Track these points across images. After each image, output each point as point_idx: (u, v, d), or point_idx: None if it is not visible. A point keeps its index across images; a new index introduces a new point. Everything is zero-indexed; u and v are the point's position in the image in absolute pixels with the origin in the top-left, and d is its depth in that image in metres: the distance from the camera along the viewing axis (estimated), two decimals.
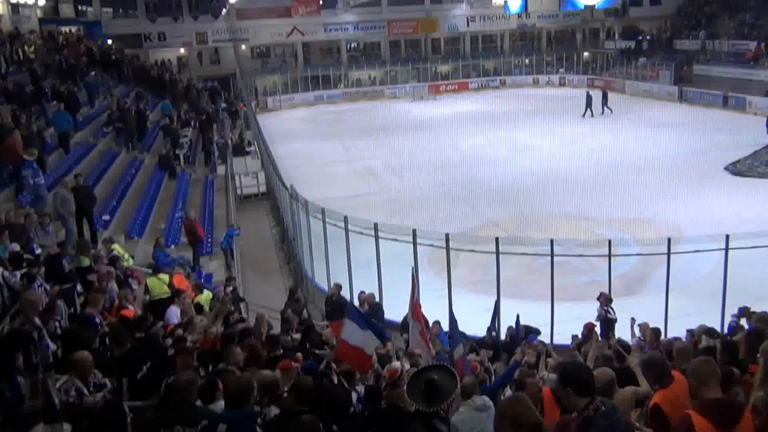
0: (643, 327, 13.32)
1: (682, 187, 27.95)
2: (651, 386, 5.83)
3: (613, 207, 25.58)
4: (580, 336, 13.79)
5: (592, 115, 47.75)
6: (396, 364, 10.04)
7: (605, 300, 15.34)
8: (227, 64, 65.65)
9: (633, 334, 13.76)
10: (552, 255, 16.21)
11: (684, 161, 32.45)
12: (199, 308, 13.21)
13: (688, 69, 56.77)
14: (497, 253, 16.51)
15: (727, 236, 15.61)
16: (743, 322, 12.63)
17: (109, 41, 54.15)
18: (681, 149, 35.46)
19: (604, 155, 34.93)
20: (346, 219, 18.74)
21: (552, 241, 16.36)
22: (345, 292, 17.61)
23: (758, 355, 6.29)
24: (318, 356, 10.85)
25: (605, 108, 48.57)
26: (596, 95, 49.05)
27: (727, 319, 14.20)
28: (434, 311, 14.57)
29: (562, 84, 66.74)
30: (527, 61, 71.96)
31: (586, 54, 71.16)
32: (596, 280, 16.83)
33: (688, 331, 11.76)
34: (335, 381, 8.43)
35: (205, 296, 14.30)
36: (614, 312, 15.20)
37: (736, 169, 31.00)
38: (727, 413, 4.80)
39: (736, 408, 4.93)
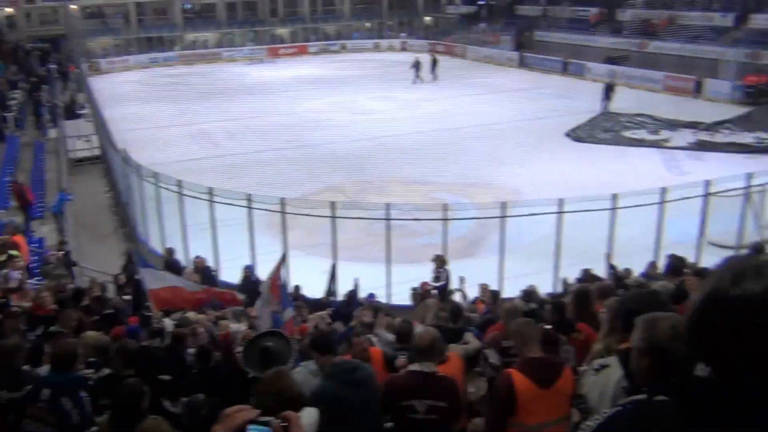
0: (483, 288, 13.60)
1: (522, 152, 28.47)
2: None
3: (453, 172, 25.82)
4: (419, 289, 14.31)
5: (422, 81, 47.99)
6: (232, 326, 10.07)
7: (440, 262, 15.65)
8: (59, 25, 62.79)
9: (464, 296, 14.05)
10: (388, 219, 16.54)
11: (525, 126, 33.32)
12: None
13: (528, 35, 58.23)
14: (333, 217, 16.81)
15: (561, 200, 16.12)
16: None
17: None
18: (522, 115, 36.26)
19: (445, 120, 35.27)
20: (179, 183, 18.72)
21: (387, 205, 16.71)
22: (181, 256, 18.06)
23: (602, 310, 6.49)
24: (149, 318, 11.20)
25: (434, 74, 48.94)
26: (426, 61, 49.36)
27: (560, 279, 14.72)
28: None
29: (403, 49, 66.89)
30: (368, 25, 72.06)
31: (427, 19, 71.82)
32: (433, 242, 17.11)
33: (521, 291, 12.23)
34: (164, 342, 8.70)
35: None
36: (448, 274, 15.50)
37: (576, 134, 31.79)
38: (547, 371, 5.07)
39: (555, 366, 5.21)
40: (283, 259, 12.40)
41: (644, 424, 1.85)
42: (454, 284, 14.99)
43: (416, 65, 48.19)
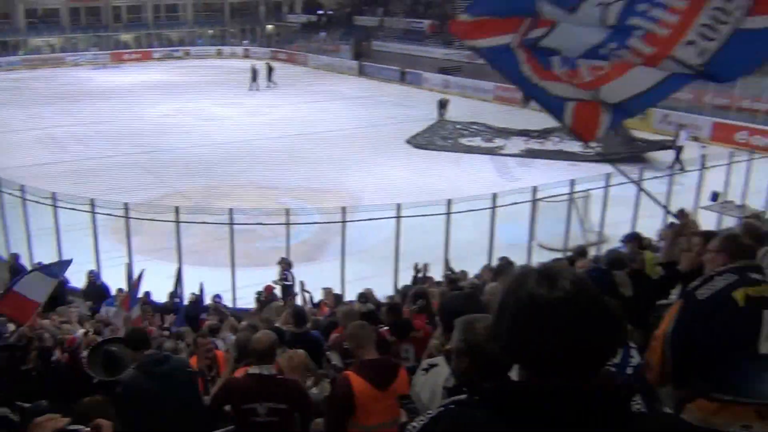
0: (327, 292, 13.90)
1: (363, 158, 29.05)
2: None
3: (298, 177, 26.08)
4: (264, 293, 14.61)
5: (258, 89, 47.85)
6: (78, 332, 10.03)
7: (285, 265, 15.95)
8: None
9: (304, 300, 14.37)
10: (232, 223, 16.74)
11: (366, 133, 33.92)
12: None
13: (366, 44, 59.02)
14: (177, 221, 16.85)
15: (399, 204, 16.68)
16: None
17: None
18: (363, 122, 36.93)
19: (290, 126, 35.46)
20: (21, 188, 18.56)
21: (231, 210, 16.94)
22: (26, 262, 17.64)
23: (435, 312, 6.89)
24: None
25: (270, 82, 48.99)
26: (262, 69, 49.30)
27: (406, 280, 15.18)
28: (116, 277, 15.61)
29: (246, 56, 66.18)
30: (211, 31, 71.36)
31: (269, 27, 71.70)
32: (278, 246, 17.37)
33: (358, 294, 12.46)
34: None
35: None
36: (293, 277, 15.75)
37: (417, 142, 32.56)
38: (383, 373, 5.21)
39: (390, 367, 5.35)
40: (140, 277, 12.47)
41: (464, 424, 1.93)
42: (298, 287, 15.30)
43: (253, 73, 47.97)
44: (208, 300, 14.96)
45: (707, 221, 15.76)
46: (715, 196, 17.85)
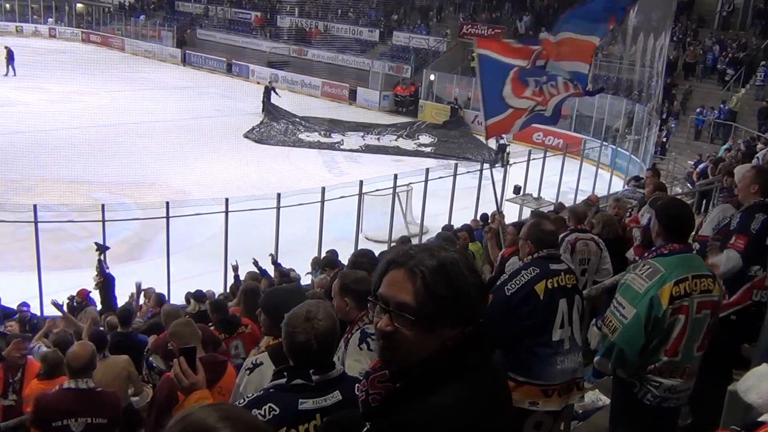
0: (147, 293, 13.42)
1: (188, 151, 27.85)
2: None
3: (114, 171, 24.65)
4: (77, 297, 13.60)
5: (12, 74, 43.83)
6: None
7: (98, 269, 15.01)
8: None
9: (133, 298, 13.81)
10: (36, 222, 15.33)
11: (190, 125, 32.56)
12: None
13: (190, 32, 57.34)
14: None
15: (227, 199, 16.26)
16: None
17: None
18: (187, 113, 35.56)
19: (104, 116, 33.37)
20: None
21: (35, 206, 15.46)
22: None
23: None
24: None
25: (10, 67, 44.21)
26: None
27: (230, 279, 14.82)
28: None
29: (52, 36, 62.38)
30: (8, 5, 66.38)
31: (79, 5, 67.68)
32: (93, 246, 16.10)
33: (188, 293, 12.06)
34: None
35: None
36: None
37: (255, 136, 32.36)
38: (209, 370, 4.75)
39: (217, 364, 5.28)
40: None
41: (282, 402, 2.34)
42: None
43: None
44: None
45: (511, 211, 18.02)
46: (517, 190, 20.36)
